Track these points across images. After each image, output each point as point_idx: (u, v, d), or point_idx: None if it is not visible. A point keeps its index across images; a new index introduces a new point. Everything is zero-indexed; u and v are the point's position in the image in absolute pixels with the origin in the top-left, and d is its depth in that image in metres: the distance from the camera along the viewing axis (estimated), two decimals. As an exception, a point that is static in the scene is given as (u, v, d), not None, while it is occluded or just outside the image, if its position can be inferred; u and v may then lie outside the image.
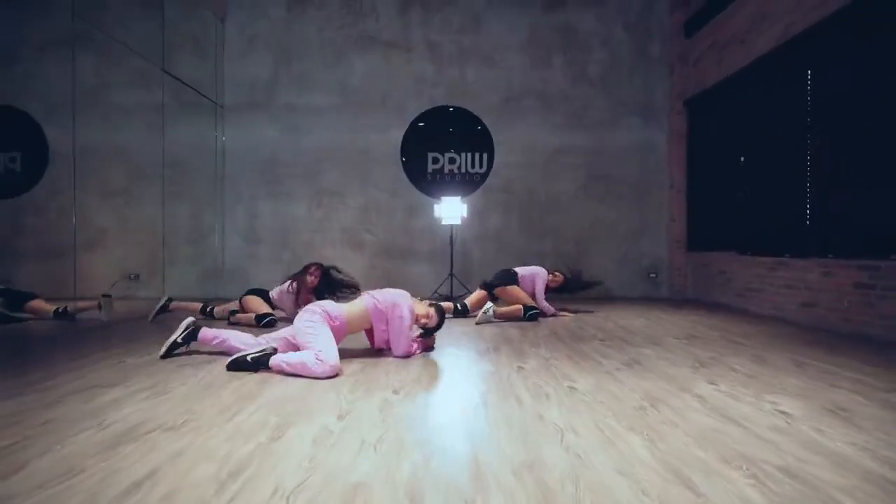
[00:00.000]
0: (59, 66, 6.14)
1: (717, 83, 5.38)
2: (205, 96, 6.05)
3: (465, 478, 1.40)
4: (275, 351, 2.60)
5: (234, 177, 6.32)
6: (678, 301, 5.96)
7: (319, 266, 4.24)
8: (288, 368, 2.45)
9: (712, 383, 2.37)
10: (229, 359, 2.58)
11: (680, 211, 6.14)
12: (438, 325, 2.97)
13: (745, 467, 1.47)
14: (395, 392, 2.22)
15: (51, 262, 6.26)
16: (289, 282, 4.22)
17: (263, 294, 4.28)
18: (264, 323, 3.89)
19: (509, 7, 6.29)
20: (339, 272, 4.20)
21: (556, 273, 4.73)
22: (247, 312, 4.11)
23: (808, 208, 4.10)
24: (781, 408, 2.01)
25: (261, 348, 2.61)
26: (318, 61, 6.31)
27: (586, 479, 1.39)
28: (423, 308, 2.92)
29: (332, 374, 2.40)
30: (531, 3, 6.27)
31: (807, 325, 4.08)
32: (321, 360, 2.41)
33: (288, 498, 1.28)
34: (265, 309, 4.09)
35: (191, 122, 6.17)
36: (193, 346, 2.91)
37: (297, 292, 4.15)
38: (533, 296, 4.51)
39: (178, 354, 2.89)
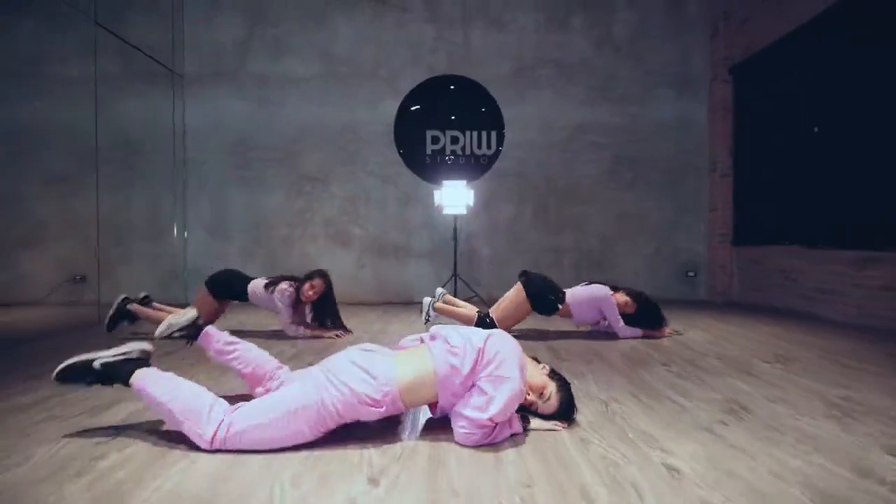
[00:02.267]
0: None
1: (777, 41, 4.45)
2: (160, 63, 5.09)
3: None
4: (146, 358, 1.59)
5: (197, 160, 5.37)
6: (722, 305, 5.04)
7: (325, 279, 3.28)
8: (156, 401, 1.46)
9: (894, 454, 1.44)
10: (64, 363, 1.53)
11: (724, 198, 5.21)
12: (557, 414, 1.65)
13: None
14: (372, 481, 1.28)
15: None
16: (286, 283, 3.26)
17: (235, 283, 3.37)
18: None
19: (521, -40, 5.35)
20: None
21: (626, 296, 3.24)
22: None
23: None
24: None
25: (124, 351, 1.56)
26: (297, 23, 5.35)
27: None
28: (539, 376, 1.65)
29: (207, 448, 1.41)
30: (547, -44, 5.33)
31: (916, 338, 3.15)
32: (208, 422, 1.40)
33: None
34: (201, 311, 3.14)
35: (144, 95, 5.22)
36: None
37: (295, 302, 3.24)
38: (581, 317, 3.30)
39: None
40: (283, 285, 3.25)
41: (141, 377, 1.51)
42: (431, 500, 1.20)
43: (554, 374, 1.70)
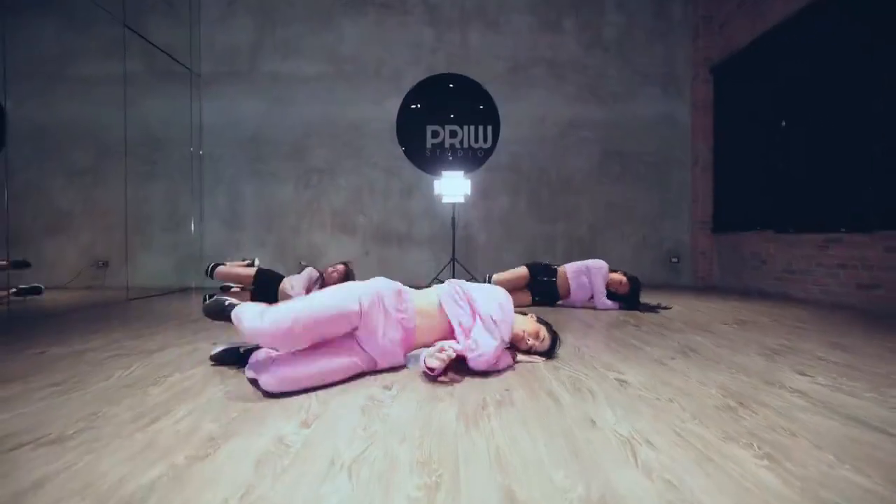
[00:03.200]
0: (15, 34, 5.55)
1: (751, 42, 4.81)
2: (180, 63, 5.46)
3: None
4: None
5: (213, 155, 5.73)
6: (703, 288, 5.39)
7: (347, 266, 3.73)
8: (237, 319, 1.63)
9: (803, 374, 1.81)
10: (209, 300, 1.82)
11: (705, 189, 5.57)
12: (548, 353, 2.04)
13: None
14: (387, 388, 1.64)
15: (10, 250, 5.67)
16: (317, 275, 3.64)
17: (270, 280, 3.67)
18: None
19: (515, -33, 5.71)
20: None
21: (622, 275, 3.66)
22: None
23: (871, 174, 3.52)
24: (921, 407, 1.45)
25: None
26: (306, 26, 5.72)
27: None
28: (532, 324, 2.02)
29: (266, 340, 1.59)
30: (539, -37, 5.70)
31: (867, 309, 3.51)
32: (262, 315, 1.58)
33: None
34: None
35: (164, 93, 5.58)
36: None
37: (319, 283, 3.62)
38: (578, 294, 3.71)
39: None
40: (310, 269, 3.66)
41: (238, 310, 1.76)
42: (430, 396, 1.56)
43: (541, 321, 2.07)
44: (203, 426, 1.29)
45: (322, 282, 3.57)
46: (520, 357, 1.98)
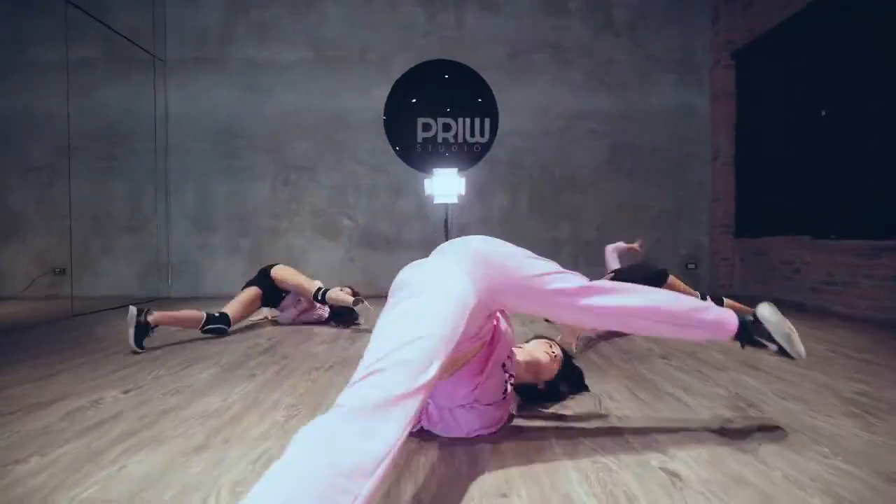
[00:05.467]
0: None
1: (782, 23, 4.25)
2: (141, 48, 4.90)
3: None
4: None
5: (180, 149, 5.18)
6: (726, 298, 4.85)
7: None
8: None
9: (869, 432, 1.27)
10: None
11: (726, 188, 5.02)
12: (551, 391, 1.60)
13: None
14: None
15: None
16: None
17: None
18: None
19: (516, -60, 5.14)
20: None
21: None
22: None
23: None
24: None
25: None
26: (284, 6, 5.16)
27: None
28: (543, 351, 1.58)
29: None
30: (543, -64, 5.13)
31: (930, 330, 2.98)
32: None
33: None
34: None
35: (125, 81, 5.03)
36: None
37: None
38: None
39: None
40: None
41: None
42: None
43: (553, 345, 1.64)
44: None
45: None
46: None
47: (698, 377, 2.04)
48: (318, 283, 3.13)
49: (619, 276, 3.13)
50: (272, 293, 3.18)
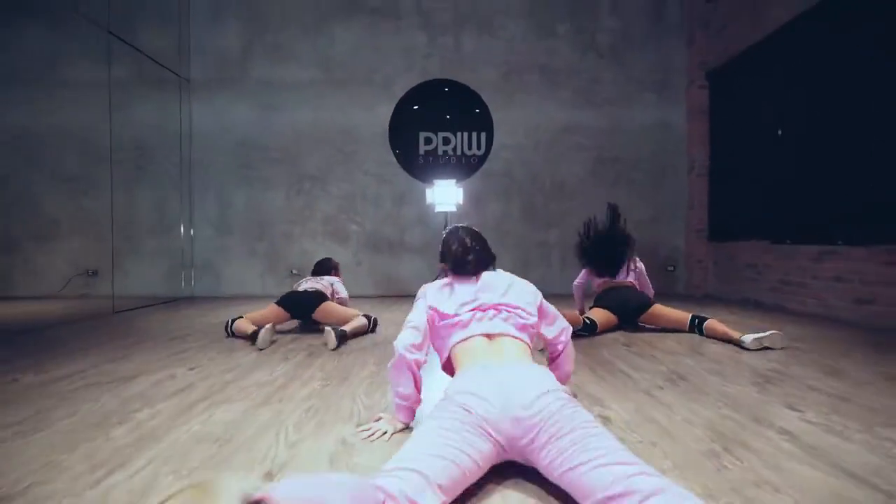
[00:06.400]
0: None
1: (749, 48, 4.73)
2: (169, 69, 5.38)
3: None
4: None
5: (202, 161, 5.66)
6: (699, 298, 5.33)
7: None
8: None
9: (794, 409, 1.74)
10: None
11: (700, 196, 5.51)
12: None
13: None
14: (361, 426, 1.58)
15: (-3, 258, 5.61)
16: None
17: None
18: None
19: (509, -30, 5.63)
20: None
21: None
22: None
23: (868, 186, 3.46)
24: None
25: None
26: (297, 31, 5.64)
27: None
28: None
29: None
30: (534, -34, 5.61)
31: (863, 324, 3.45)
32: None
33: None
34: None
35: (153, 99, 5.51)
36: None
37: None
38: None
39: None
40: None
41: None
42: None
43: None
44: (159, 480, 1.23)
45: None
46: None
47: (649, 359, 2.52)
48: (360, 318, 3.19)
49: (607, 300, 3.28)
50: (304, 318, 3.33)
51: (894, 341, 2.91)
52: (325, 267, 3.82)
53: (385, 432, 1.49)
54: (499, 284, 1.58)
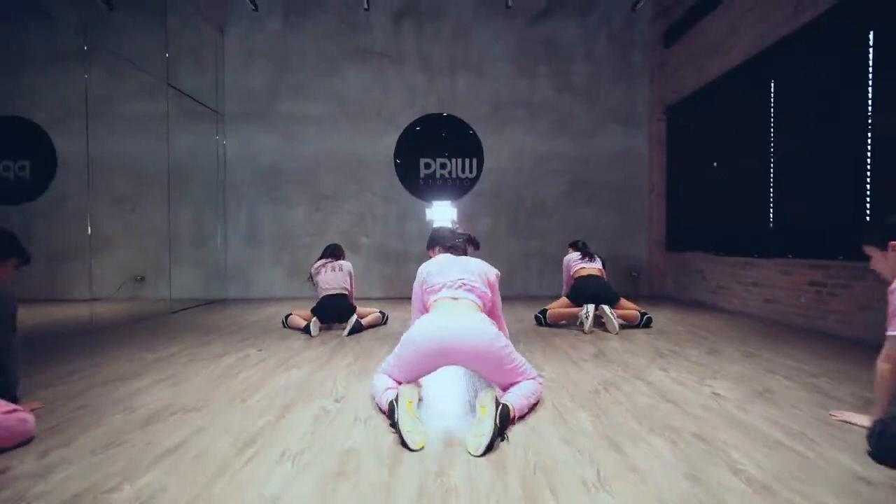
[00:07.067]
0: (64, 79, 6.43)
1: (694, 91, 5.70)
2: (206, 106, 6.34)
3: (440, 446, 1.72)
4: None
5: (235, 183, 6.62)
6: (657, 298, 6.28)
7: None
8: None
9: (665, 371, 2.69)
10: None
11: (659, 214, 6.47)
12: None
13: (667, 435, 1.79)
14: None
15: (58, 266, 6.56)
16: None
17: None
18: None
19: (497, 20, 6.60)
20: None
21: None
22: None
23: (771, 212, 4.42)
24: (717, 391, 2.34)
25: None
26: (315, 72, 6.61)
27: (535, 446, 1.71)
28: None
29: None
30: (518, 16, 6.58)
31: (769, 320, 4.40)
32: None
33: (293, 459, 1.59)
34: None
35: (193, 131, 6.46)
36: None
37: None
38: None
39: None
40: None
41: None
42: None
43: None
44: (274, 403, 2.17)
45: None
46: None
47: (588, 342, 3.47)
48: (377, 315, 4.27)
49: (585, 287, 4.07)
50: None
51: (780, 332, 3.86)
52: (340, 250, 4.48)
53: None
54: (471, 266, 2.34)
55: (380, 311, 4.34)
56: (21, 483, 1.45)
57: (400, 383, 2.06)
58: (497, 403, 1.74)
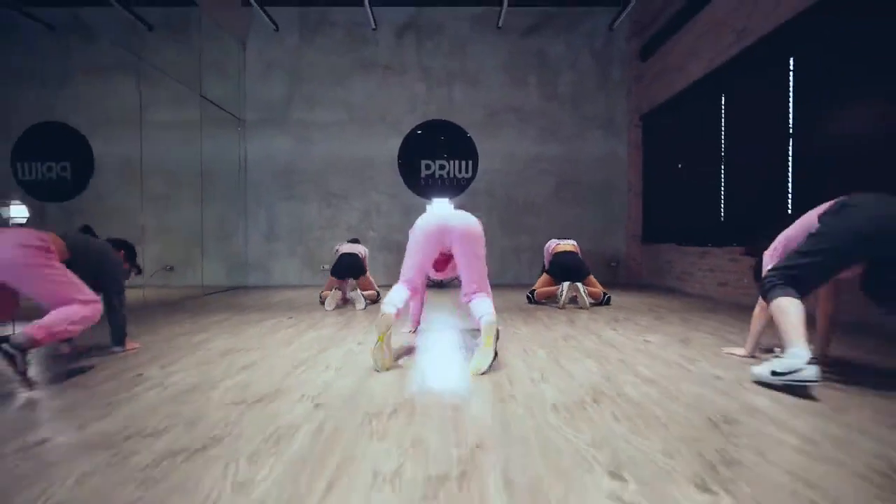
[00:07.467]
0: (102, 88, 7.16)
1: (664, 101, 6.43)
2: (230, 113, 7.07)
3: (441, 377, 2.45)
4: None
5: (254, 183, 7.34)
6: (635, 286, 6.99)
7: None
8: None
9: (614, 330, 3.42)
10: None
11: (636, 211, 7.19)
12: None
13: (598, 359, 2.52)
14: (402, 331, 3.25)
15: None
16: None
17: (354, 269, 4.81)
18: None
19: (491, 35, 7.32)
20: None
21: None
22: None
23: (722, 207, 5.15)
24: (649, 340, 3.06)
25: None
26: (326, 82, 7.33)
27: (503, 367, 2.43)
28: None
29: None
30: (510, 32, 7.31)
31: (722, 300, 5.12)
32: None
33: (335, 370, 2.32)
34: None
35: (217, 136, 7.19)
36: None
37: None
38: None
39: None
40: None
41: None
42: (425, 336, 3.17)
43: None
44: (313, 346, 2.90)
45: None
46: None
47: (562, 314, 4.18)
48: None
49: (562, 261, 4.80)
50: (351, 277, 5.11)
51: (722, 308, 4.58)
52: (357, 240, 5.33)
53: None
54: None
55: (377, 292, 5.02)
56: (153, 380, 2.17)
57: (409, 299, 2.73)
58: (497, 335, 2.41)
